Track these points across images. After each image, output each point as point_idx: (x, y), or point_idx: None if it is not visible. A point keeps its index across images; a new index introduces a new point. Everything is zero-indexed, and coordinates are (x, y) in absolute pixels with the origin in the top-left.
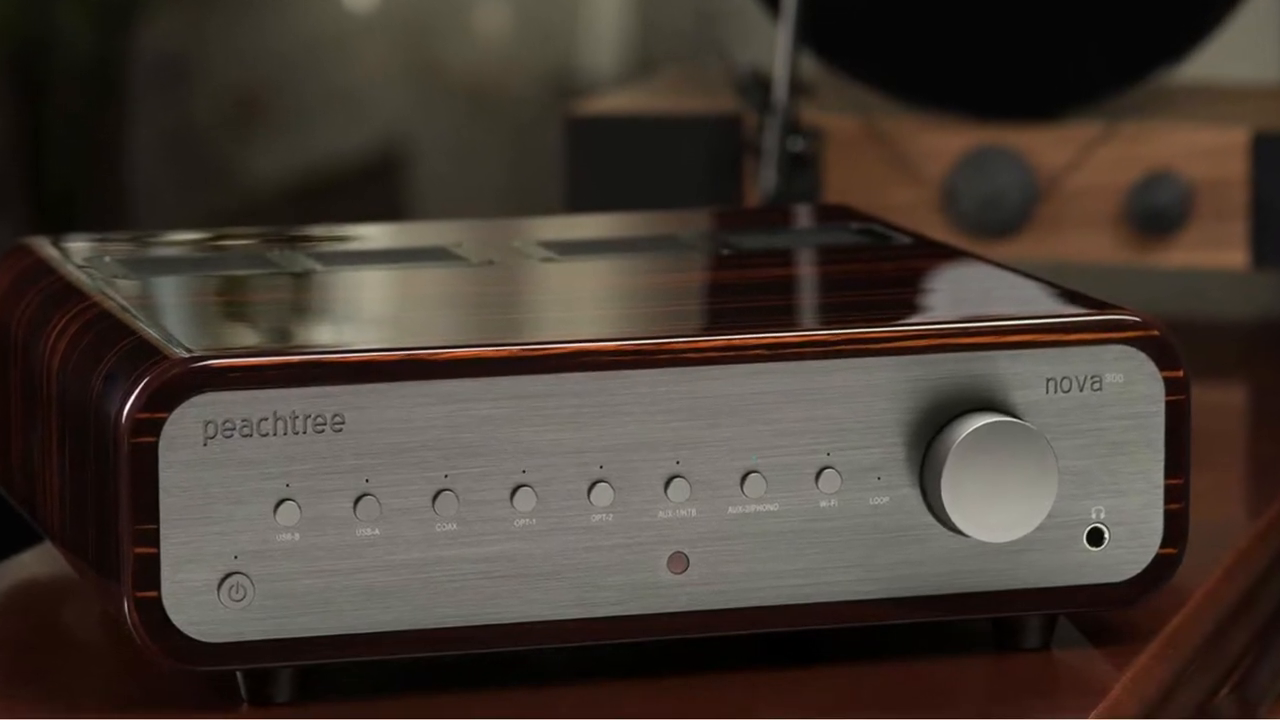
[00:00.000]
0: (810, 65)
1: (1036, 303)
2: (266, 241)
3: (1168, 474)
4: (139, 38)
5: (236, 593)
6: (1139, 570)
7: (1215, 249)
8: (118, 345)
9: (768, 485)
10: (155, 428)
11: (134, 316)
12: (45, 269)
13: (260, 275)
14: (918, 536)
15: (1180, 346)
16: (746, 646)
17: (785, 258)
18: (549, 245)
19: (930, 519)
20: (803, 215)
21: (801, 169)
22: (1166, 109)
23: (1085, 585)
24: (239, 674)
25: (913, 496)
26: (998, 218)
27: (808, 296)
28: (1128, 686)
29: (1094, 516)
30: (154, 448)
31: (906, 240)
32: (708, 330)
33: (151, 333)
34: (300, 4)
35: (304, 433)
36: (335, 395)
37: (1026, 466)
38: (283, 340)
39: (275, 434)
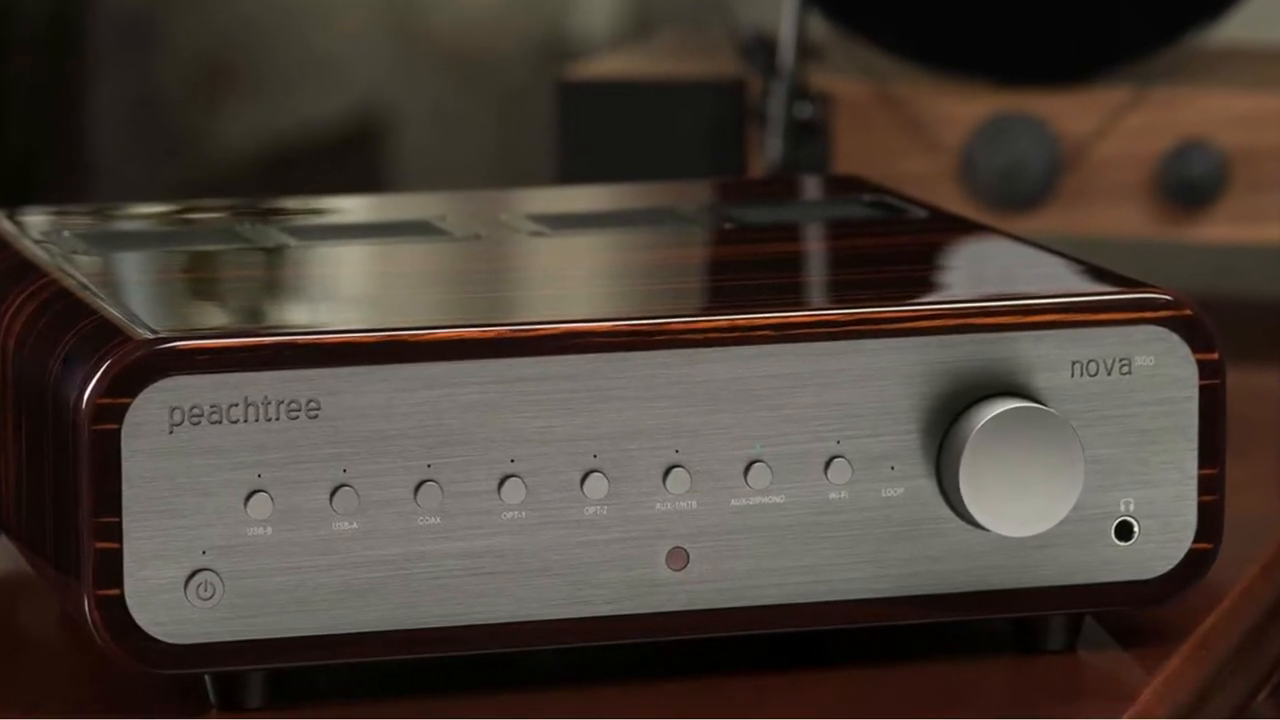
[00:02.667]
0: (818, 26)
1: (1061, 280)
2: (237, 215)
3: (1201, 463)
4: None
5: (205, 591)
6: (1171, 566)
7: (1252, 223)
8: (77, 326)
9: (773, 476)
10: (118, 414)
11: (95, 295)
12: None
13: (230, 251)
14: (934, 530)
15: (1215, 327)
16: (750, 648)
17: (792, 232)
18: (539, 219)
19: (947, 512)
20: (811, 187)
21: (809, 137)
22: (1201, 73)
23: (1113, 583)
24: (207, 678)
25: (928, 488)
26: (1019, 189)
27: (816, 273)
28: (1158, 690)
29: (1123, 509)
30: (116, 435)
31: (922, 213)
32: (709, 310)
33: (113, 312)
34: None
35: (277, 419)
36: (310, 379)
37: (1050, 456)
38: (254, 320)
39: (246, 421)
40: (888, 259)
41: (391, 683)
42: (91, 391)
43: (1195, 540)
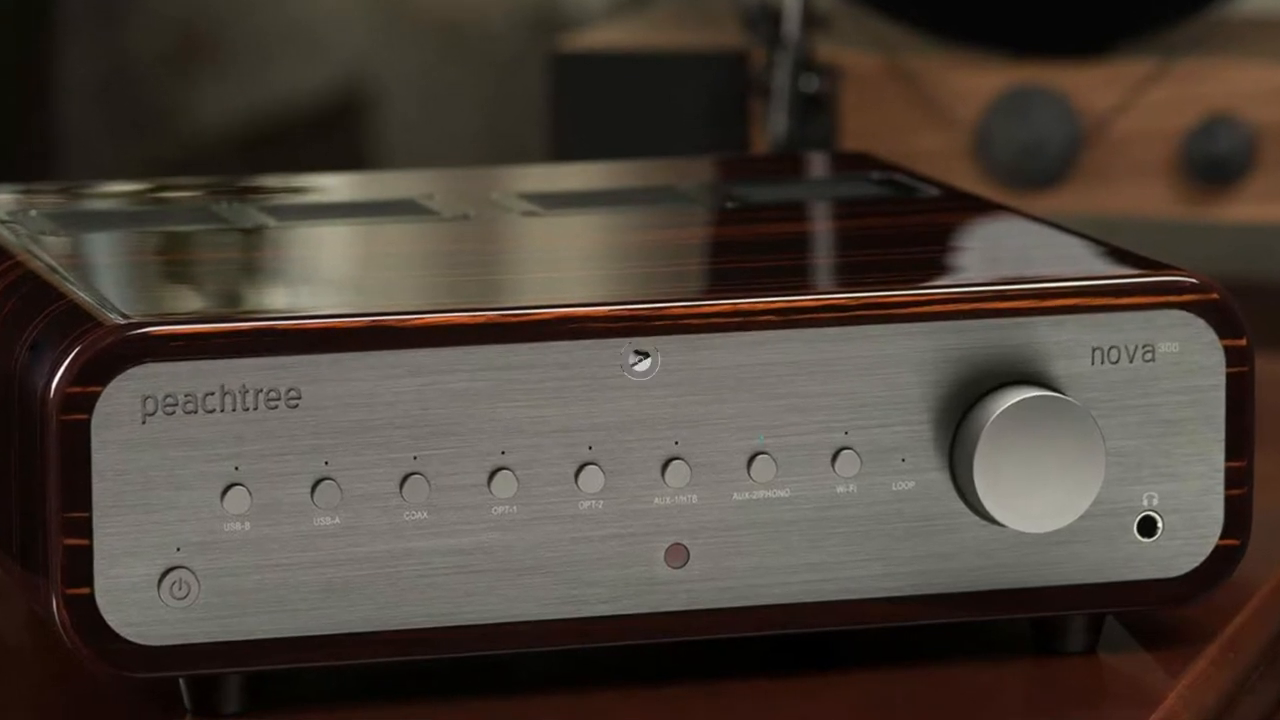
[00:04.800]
0: None
1: (1081, 262)
2: (213, 193)
3: (1229, 455)
4: None
5: (179, 590)
6: (1196, 564)
7: None
8: (45, 311)
9: (777, 468)
10: (88, 403)
11: (64, 278)
12: None
13: (206, 232)
14: (946, 526)
15: (1242, 311)
16: (753, 650)
17: (797, 212)
18: (531, 198)
19: (961, 506)
20: (817, 164)
21: (816, 112)
22: (1228, 44)
23: (1135, 581)
24: (182, 681)
25: (941, 481)
26: (1037, 167)
27: (823, 255)
28: (1183, 695)
29: (1146, 504)
30: (86, 426)
31: (934, 192)
32: (710, 294)
33: (83, 296)
34: None
35: (255, 409)
36: (290, 367)
37: (1070, 447)
38: (231, 305)
39: (223, 410)
40: (898, 240)
41: (376, 687)
42: (60, 379)
43: (1222, 536)
